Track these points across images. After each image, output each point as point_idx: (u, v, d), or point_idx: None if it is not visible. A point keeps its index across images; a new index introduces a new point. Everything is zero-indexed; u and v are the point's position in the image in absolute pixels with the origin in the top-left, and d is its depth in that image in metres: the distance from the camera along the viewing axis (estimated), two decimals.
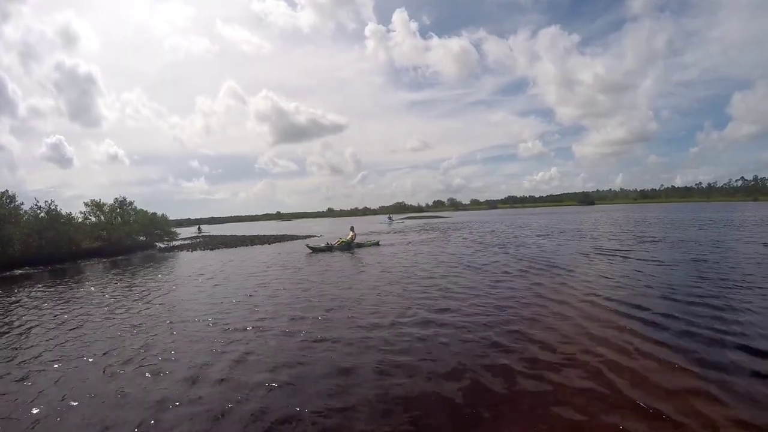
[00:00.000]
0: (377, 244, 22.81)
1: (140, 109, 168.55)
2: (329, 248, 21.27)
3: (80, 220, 27.92)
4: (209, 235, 48.36)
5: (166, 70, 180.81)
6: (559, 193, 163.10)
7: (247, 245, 30.46)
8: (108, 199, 31.26)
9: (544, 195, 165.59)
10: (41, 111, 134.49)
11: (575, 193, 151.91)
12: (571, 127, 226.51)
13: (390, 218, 59.27)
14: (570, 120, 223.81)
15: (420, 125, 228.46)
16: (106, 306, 10.60)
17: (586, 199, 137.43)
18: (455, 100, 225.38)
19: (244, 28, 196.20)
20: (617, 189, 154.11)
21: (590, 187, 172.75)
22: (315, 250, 21.16)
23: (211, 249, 28.99)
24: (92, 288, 14.21)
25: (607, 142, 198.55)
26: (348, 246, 21.48)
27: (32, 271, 21.03)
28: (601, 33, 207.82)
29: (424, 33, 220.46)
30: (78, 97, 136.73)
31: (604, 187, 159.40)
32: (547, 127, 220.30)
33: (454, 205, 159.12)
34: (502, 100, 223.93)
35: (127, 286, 13.99)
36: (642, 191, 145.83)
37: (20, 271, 20.75)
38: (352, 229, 23.58)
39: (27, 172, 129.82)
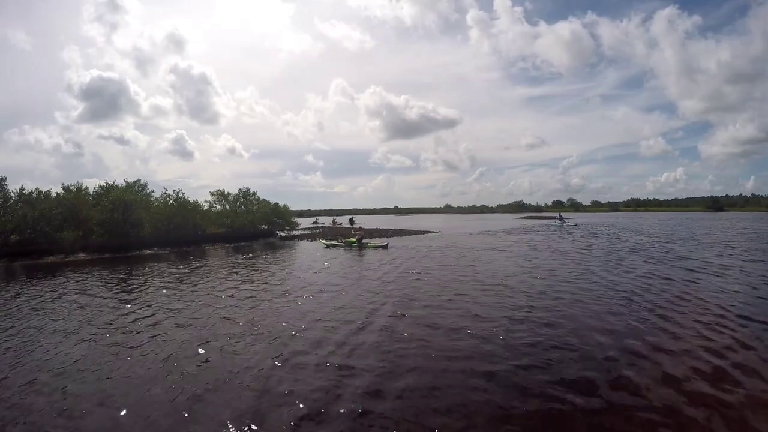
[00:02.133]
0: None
1: (253, 106, 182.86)
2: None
3: (206, 207, 29.49)
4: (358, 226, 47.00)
5: (274, 69, 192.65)
6: (684, 197, 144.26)
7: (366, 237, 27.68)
8: (232, 190, 32.63)
9: (669, 198, 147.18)
10: (163, 109, 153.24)
11: (702, 198, 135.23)
12: (695, 123, 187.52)
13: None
14: (694, 115, 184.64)
15: (537, 121, 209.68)
16: (217, 282, 11.65)
17: (715, 204, 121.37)
18: (574, 95, 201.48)
19: (344, 24, 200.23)
20: (748, 194, 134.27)
21: (718, 191, 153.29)
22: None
23: (329, 239, 26.73)
24: (211, 269, 14.99)
25: (736, 141, 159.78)
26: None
27: (160, 252, 22.09)
28: (726, 15, 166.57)
29: (529, 19, 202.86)
30: (195, 96, 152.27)
31: (734, 192, 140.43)
32: (670, 123, 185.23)
33: (574, 206, 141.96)
34: (622, 94, 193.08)
35: (244, 268, 14.76)
36: None
37: (149, 251, 21.92)
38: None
39: (157, 164, 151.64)
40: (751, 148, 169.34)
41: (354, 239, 21.69)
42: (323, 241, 23.81)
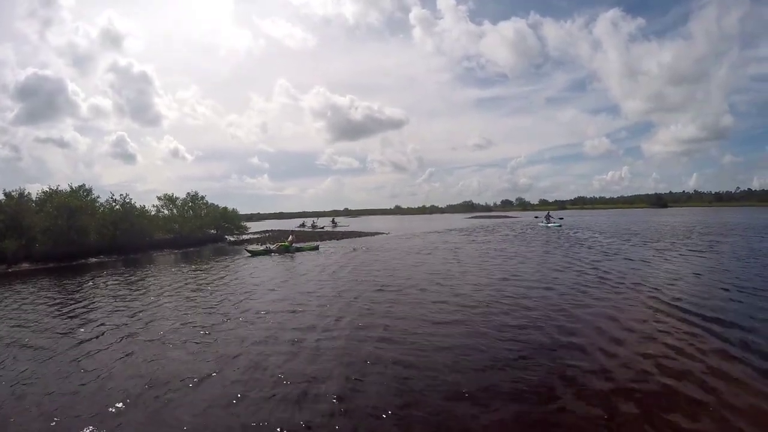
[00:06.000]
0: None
1: (196, 107, 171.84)
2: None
3: (153, 213, 29.56)
4: (279, 230, 47.82)
5: (216, 68, 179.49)
6: (630, 194, 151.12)
7: (315, 240, 29.31)
8: (179, 194, 32.76)
9: (615, 196, 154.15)
10: (103, 110, 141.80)
11: (647, 195, 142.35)
12: (638, 123, 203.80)
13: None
14: (637, 115, 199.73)
15: (486, 122, 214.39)
16: (168, 292, 11.76)
17: (658, 201, 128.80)
18: (522, 97, 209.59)
19: (284, 21, 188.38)
20: (691, 191, 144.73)
21: (662, 188, 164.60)
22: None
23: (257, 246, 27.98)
24: (159, 276, 15.17)
25: (678, 140, 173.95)
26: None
27: (106, 259, 22.22)
28: (669, 18, 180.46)
29: (473, 18, 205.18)
30: (135, 96, 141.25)
31: (677, 189, 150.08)
32: (614, 123, 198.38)
33: (522, 205, 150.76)
34: (569, 96, 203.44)
35: (192, 276, 14.77)
36: (717, 194, 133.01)
37: (95, 260, 21.96)
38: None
39: (101, 168, 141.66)
40: (692, 147, 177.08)
41: (287, 243, 22.55)
42: (247, 249, 23.00)
